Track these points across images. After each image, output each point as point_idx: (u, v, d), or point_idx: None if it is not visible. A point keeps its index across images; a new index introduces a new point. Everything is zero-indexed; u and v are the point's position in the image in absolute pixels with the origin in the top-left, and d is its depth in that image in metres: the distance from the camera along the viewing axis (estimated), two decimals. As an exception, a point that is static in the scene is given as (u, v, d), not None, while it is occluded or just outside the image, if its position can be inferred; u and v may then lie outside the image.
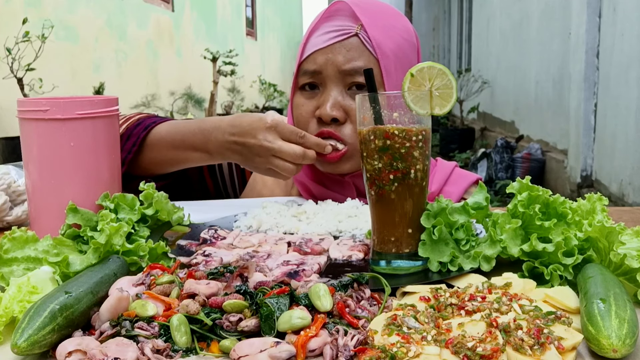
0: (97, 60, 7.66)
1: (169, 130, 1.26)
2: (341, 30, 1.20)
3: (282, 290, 0.69)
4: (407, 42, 1.23)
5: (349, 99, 1.20)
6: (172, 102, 9.24)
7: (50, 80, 5.63)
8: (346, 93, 1.20)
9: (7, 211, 1.20)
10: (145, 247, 0.88)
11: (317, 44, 1.21)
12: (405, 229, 0.86)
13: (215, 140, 1.18)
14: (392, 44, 1.20)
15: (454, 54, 13.43)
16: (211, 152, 1.20)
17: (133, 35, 8.59)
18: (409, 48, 1.24)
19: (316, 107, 1.21)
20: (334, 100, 1.19)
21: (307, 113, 1.22)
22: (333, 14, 1.23)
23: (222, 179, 1.46)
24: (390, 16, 1.24)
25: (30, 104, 1.02)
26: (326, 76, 1.20)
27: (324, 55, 1.20)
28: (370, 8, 1.22)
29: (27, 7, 6.22)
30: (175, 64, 9.92)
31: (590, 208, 0.88)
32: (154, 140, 1.26)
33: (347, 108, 1.19)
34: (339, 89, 1.20)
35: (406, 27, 1.25)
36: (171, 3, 9.95)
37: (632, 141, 5.12)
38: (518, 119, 8.85)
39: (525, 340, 0.60)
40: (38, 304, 0.65)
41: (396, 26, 1.23)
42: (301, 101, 1.24)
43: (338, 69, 1.18)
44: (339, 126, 1.20)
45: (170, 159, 1.26)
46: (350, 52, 1.18)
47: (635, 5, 5.08)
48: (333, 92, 1.19)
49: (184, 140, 1.22)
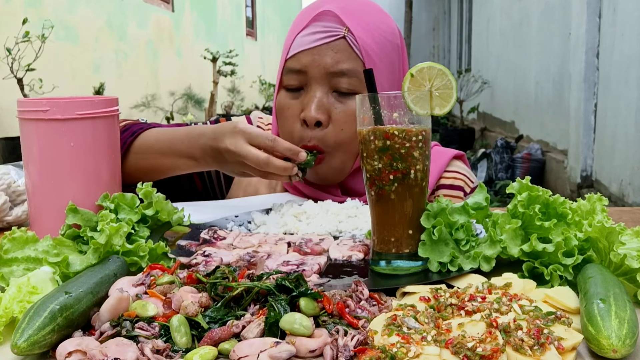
0: (97, 61, 7.66)
1: (156, 136, 1.26)
2: (329, 32, 1.19)
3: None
4: (391, 43, 1.23)
5: (334, 101, 1.20)
6: (172, 102, 9.24)
7: (50, 81, 5.63)
8: (330, 95, 1.20)
9: (7, 211, 1.20)
10: (145, 247, 0.87)
11: (304, 44, 1.20)
12: (405, 229, 0.86)
13: (199, 147, 1.18)
14: (377, 47, 1.20)
15: (454, 54, 13.43)
16: (197, 159, 1.20)
17: (133, 35, 8.59)
18: (393, 51, 1.24)
19: (300, 109, 1.21)
20: (319, 101, 1.19)
21: (292, 115, 1.22)
22: (320, 15, 1.22)
23: (210, 178, 1.46)
24: (376, 18, 1.23)
25: (30, 104, 1.02)
26: (311, 77, 1.20)
27: (310, 56, 1.19)
28: (356, 10, 1.21)
29: (27, 7, 6.22)
30: (175, 64, 9.91)
31: (590, 208, 0.88)
32: (142, 146, 1.25)
33: (331, 111, 1.19)
34: (324, 90, 1.19)
35: (391, 29, 1.25)
36: (171, 3, 9.94)
37: (632, 141, 5.12)
38: (518, 119, 8.85)
39: (525, 341, 0.60)
40: (38, 304, 0.65)
41: (381, 28, 1.22)
42: (286, 102, 1.24)
43: (325, 71, 1.18)
44: (322, 130, 1.20)
45: (156, 166, 1.25)
46: (337, 54, 1.18)
47: (635, 5, 5.08)
48: (318, 93, 1.19)
49: (171, 146, 1.23)
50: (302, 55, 1.20)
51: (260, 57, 15.14)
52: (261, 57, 15.27)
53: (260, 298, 0.70)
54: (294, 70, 1.21)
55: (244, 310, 0.69)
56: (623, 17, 5.37)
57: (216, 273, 0.73)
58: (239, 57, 10.45)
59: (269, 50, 15.90)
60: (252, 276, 0.74)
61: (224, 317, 0.67)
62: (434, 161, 1.30)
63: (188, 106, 9.56)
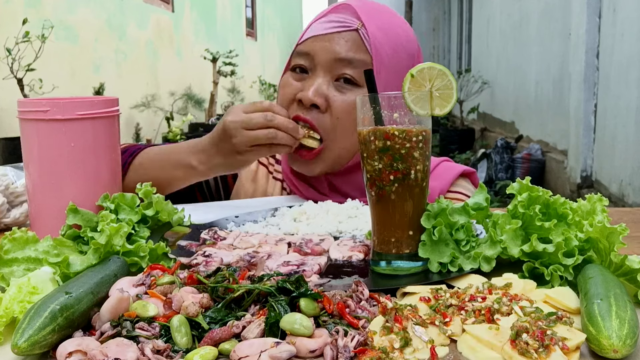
0: (97, 61, 7.65)
1: (155, 152, 1.28)
2: (343, 23, 1.22)
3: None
4: (405, 49, 1.24)
5: (334, 90, 1.21)
6: (172, 102, 9.24)
7: (50, 81, 5.63)
8: (332, 84, 1.21)
9: (5, 213, 1.20)
10: (146, 247, 0.87)
11: (317, 30, 1.23)
12: (406, 229, 0.86)
13: (198, 149, 1.21)
14: (389, 49, 1.21)
15: (454, 55, 13.43)
16: (195, 165, 1.21)
17: (133, 35, 8.59)
18: (406, 56, 1.24)
19: (300, 90, 1.23)
20: (319, 86, 1.20)
21: (290, 94, 1.24)
22: (339, 8, 1.25)
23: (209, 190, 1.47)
24: (394, 22, 1.26)
25: (30, 104, 1.02)
26: (318, 62, 1.21)
27: (320, 42, 1.22)
28: (375, 10, 1.24)
29: (27, 7, 6.21)
30: (175, 64, 9.91)
31: (591, 209, 0.88)
32: (142, 164, 1.27)
33: (330, 98, 1.20)
34: (327, 77, 1.21)
35: (408, 35, 1.26)
36: (171, 3, 9.94)
37: (632, 141, 5.12)
38: (518, 120, 8.84)
39: (530, 344, 0.60)
40: (38, 305, 0.65)
41: (398, 32, 1.24)
42: (289, 81, 1.26)
43: (332, 57, 1.20)
44: (318, 114, 1.21)
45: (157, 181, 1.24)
46: (347, 44, 1.20)
47: (635, 5, 5.08)
48: (320, 79, 1.21)
49: (169, 158, 1.25)
50: (313, 40, 1.23)
51: (260, 57, 15.14)
52: (261, 57, 15.27)
53: (260, 298, 0.70)
54: (303, 53, 1.24)
55: (244, 311, 0.69)
56: (623, 17, 5.37)
57: (217, 276, 0.73)
58: (239, 57, 10.45)
59: (269, 51, 15.91)
60: (252, 277, 0.74)
61: (225, 317, 0.67)
62: (439, 178, 1.29)
63: (188, 106, 9.55)
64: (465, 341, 0.64)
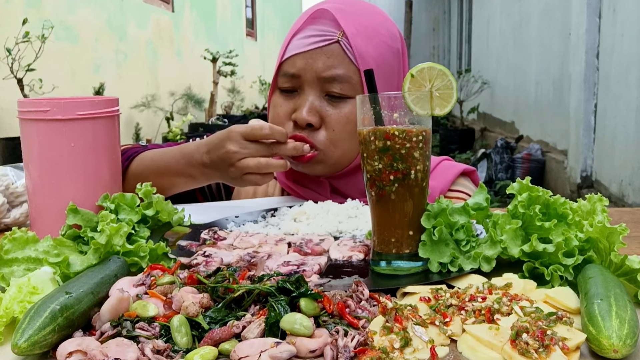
0: (97, 61, 7.65)
1: (152, 157, 1.26)
2: (323, 36, 1.19)
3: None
4: (391, 48, 1.23)
5: (326, 105, 1.20)
6: (172, 102, 9.24)
7: (50, 81, 5.63)
8: (323, 98, 1.21)
9: (5, 213, 1.20)
10: (146, 247, 0.88)
11: (298, 47, 1.21)
12: (406, 229, 0.86)
13: (195, 163, 1.19)
14: (374, 51, 1.19)
15: (454, 55, 13.43)
16: (194, 176, 1.21)
17: (133, 35, 8.59)
18: (392, 55, 1.23)
19: (293, 110, 1.22)
20: (311, 104, 1.20)
21: (284, 114, 1.23)
22: (317, 17, 1.22)
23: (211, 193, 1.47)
24: (375, 21, 1.22)
25: (30, 104, 1.02)
26: (304, 81, 1.21)
27: (303, 60, 1.20)
28: (354, 12, 1.21)
29: (27, 7, 6.21)
30: (175, 64, 9.91)
31: (591, 209, 0.88)
32: (139, 168, 1.26)
33: (323, 114, 1.20)
34: (317, 94, 1.20)
35: (391, 32, 1.24)
36: (171, 3, 9.94)
37: (632, 141, 5.12)
38: (518, 120, 8.84)
39: (530, 344, 0.60)
40: (38, 305, 0.65)
41: (380, 32, 1.22)
42: (279, 101, 1.25)
43: (317, 75, 1.19)
44: (313, 132, 1.21)
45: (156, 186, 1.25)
46: (330, 59, 1.19)
47: (635, 5, 5.08)
48: (310, 96, 1.20)
49: (168, 166, 1.23)
50: (296, 58, 1.21)
51: (260, 57, 15.13)
52: (261, 57, 15.26)
53: (260, 298, 0.70)
54: (288, 74, 1.22)
55: (244, 311, 0.69)
56: (623, 17, 5.37)
57: (217, 276, 0.73)
58: (239, 57, 10.45)
59: (269, 51, 15.90)
60: (252, 277, 0.75)
61: (225, 317, 0.67)
62: (439, 177, 1.29)
63: (188, 106, 9.56)
64: (465, 341, 0.64)
